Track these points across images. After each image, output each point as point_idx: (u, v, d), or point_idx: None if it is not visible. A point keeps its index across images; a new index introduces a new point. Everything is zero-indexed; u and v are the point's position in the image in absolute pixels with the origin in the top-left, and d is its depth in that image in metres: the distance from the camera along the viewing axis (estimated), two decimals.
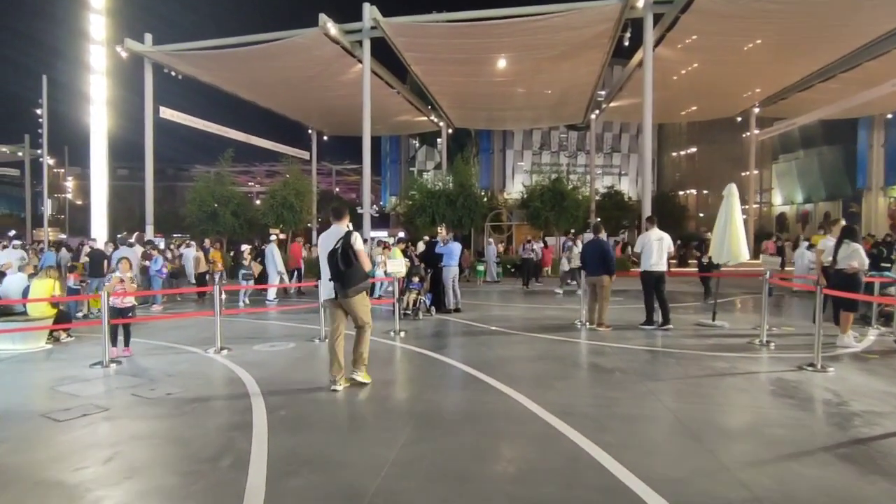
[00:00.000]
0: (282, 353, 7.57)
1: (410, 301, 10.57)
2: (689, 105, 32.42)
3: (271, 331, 9.49)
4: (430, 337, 8.79)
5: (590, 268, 9.19)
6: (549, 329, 9.15)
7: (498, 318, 10.67)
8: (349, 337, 5.76)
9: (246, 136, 30.10)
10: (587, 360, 6.85)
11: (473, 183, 22.43)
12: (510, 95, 28.23)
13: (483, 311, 11.75)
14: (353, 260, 5.22)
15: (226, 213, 23.09)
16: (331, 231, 5.58)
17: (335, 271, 5.26)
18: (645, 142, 21.47)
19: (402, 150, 41.79)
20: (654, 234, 9.06)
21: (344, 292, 5.30)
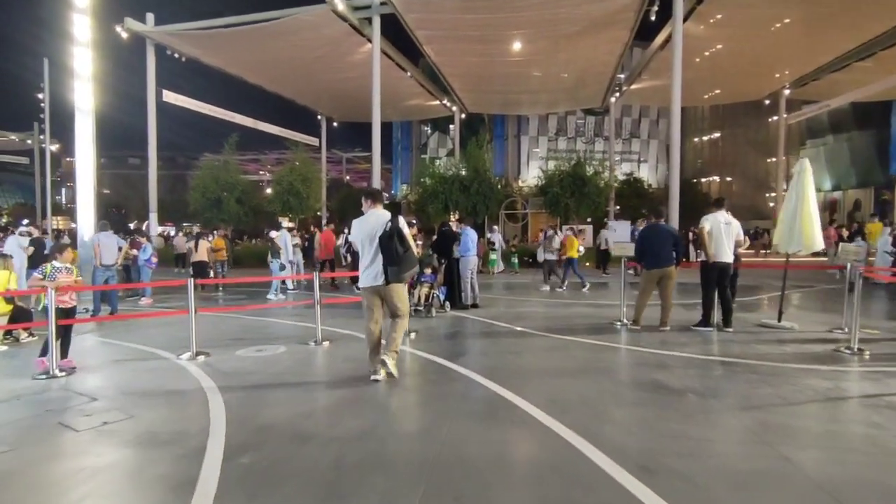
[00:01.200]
0: (268, 360, 6.19)
1: (422, 296, 9.15)
2: (712, 88, 30.46)
3: (265, 330, 8.12)
4: (445, 339, 7.37)
5: (652, 258, 7.59)
6: (584, 330, 7.67)
7: (522, 315, 9.21)
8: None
9: (253, 121, 28.80)
10: (644, 374, 5.37)
11: (488, 168, 20.85)
12: (526, 77, 26.52)
13: (503, 306, 10.29)
14: (407, 244, 4.99)
15: (230, 200, 21.82)
16: (369, 216, 5.14)
17: (391, 255, 4.91)
18: (673, 122, 19.75)
19: (413, 136, 40.22)
20: (720, 216, 7.50)
21: (399, 277, 5.01)
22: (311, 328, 7.40)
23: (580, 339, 7.05)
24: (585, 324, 8.29)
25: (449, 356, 6.17)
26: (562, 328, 7.85)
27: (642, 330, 7.54)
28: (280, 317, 9.17)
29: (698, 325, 7.52)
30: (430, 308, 9.07)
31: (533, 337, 7.30)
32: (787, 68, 27.16)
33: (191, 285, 6.46)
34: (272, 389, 5.01)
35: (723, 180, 37.44)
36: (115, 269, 10.07)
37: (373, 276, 5.07)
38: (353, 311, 9.40)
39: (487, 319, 8.72)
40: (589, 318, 8.91)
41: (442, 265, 9.68)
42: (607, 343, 6.78)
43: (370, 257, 5.05)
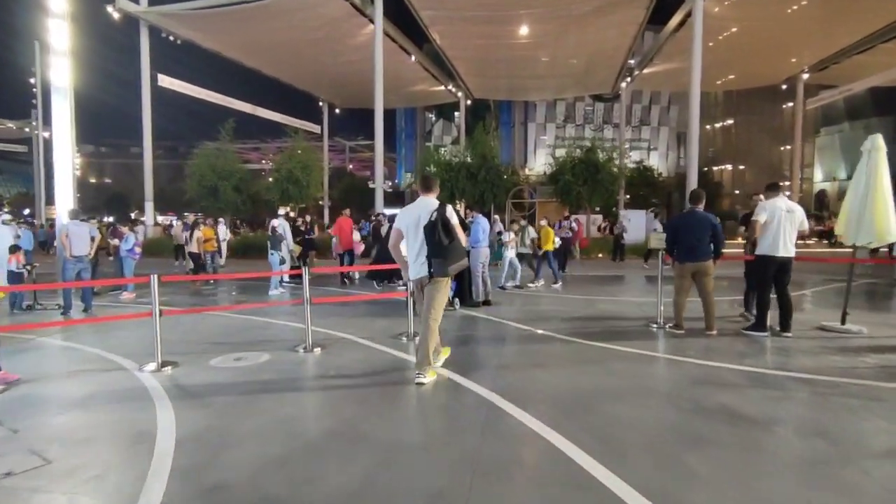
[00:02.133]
0: (245, 373, 5.10)
1: None
2: (726, 73, 29.04)
3: (251, 332, 7.03)
4: (455, 346, 6.26)
5: (685, 250, 6.41)
6: (617, 335, 6.54)
7: (540, 315, 8.08)
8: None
9: (252, 107, 27.63)
10: (708, 396, 4.26)
11: (496, 155, 19.65)
12: (534, 61, 25.24)
13: (518, 303, 9.17)
14: (454, 234, 4.50)
15: (227, 188, 20.71)
16: (417, 204, 4.70)
17: (436, 247, 4.45)
18: (692, 106, 18.50)
19: (417, 124, 38.91)
20: (780, 202, 6.33)
21: (444, 270, 4.51)
22: (305, 331, 6.31)
23: (616, 346, 5.93)
24: (616, 326, 7.17)
25: (462, 370, 5.06)
26: (591, 331, 6.72)
27: (686, 334, 6.41)
28: (273, 316, 8.08)
29: (751, 328, 6.38)
30: None
31: (559, 343, 6.19)
32: (807, 51, 25.74)
33: (154, 283, 5.35)
34: (242, 418, 3.92)
35: (735, 168, 36.06)
36: (88, 260, 8.99)
37: (417, 267, 4.67)
38: (356, 311, 8.29)
39: (503, 319, 7.60)
40: (618, 318, 7.78)
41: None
42: (649, 352, 5.65)
43: (416, 248, 4.65)
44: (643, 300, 9.43)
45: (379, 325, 7.27)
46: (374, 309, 8.42)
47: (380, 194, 19.68)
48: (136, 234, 11.29)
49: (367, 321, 7.57)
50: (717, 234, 6.29)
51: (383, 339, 6.46)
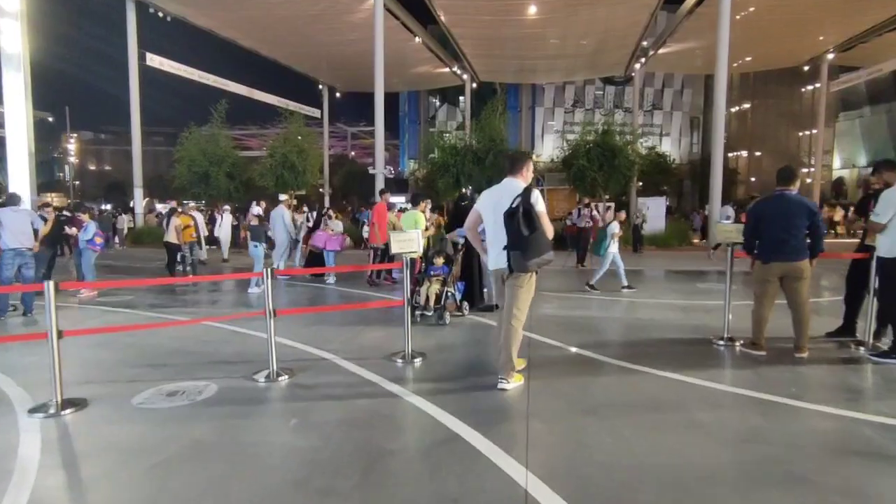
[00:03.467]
0: (175, 417, 3.56)
1: (431, 295, 6.44)
2: (743, 55, 27.07)
3: (208, 347, 5.47)
4: (464, 372, 4.72)
5: (770, 246, 4.78)
6: (678, 356, 4.96)
7: (569, 324, 6.49)
8: None
9: (248, 89, 25.94)
10: (875, 483, 2.67)
11: (504, 138, 17.95)
12: (544, 40, 23.41)
13: (539, 307, 7.55)
14: (537, 224, 3.69)
15: (219, 174, 19.08)
16: (502, 186, 3.99)
17: (515, 237, 3.73)
18: (718, 87, 16.69)
19: (421, 109, 37.06)
20: None
21: (524, 264, 3.76)
22: (279, 346, 4.74)
23: (685, 377, 4.33)
24: (671, 341, 5.57)
25: (477, 420, 3.48)
26: (641, 351, 5.13)
27: (769, 357, 4.81)
28: (248, 324, 6.50)
29: (885, 355, 4.72)
30: (442, 312, 6.37)
31: (604, 371, 4.60)
32: (833, 29, 23.74)
33: (50, 294, 3.77)
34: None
35: (751, 155, 34.14)
36: (29, 253, 7.43)
37: (495, 257, 4.09)
38: (346, 319, 6.70)
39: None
40: (667, 328, 6.17)
41: (459, 252, 6.96)
42: (738, 388, 4.04)
43: (493, 236, 4.07)
44: (687, 303, 7.82)
45: (370, 340, 5.71)
46: (369, 316, 6.83)
47: (380, 179, 18.05)
48: (97, 222, 9.70)
49: (357, 332, 6.01)
50: (816, 226, 4.66)
51: (374, 360, 4.90)
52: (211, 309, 7.63)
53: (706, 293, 8.68)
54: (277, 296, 8.56)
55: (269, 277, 4.43)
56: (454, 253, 6.89)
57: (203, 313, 7.18)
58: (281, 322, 5.04)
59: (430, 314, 6.36)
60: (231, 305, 8.16)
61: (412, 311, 6.39)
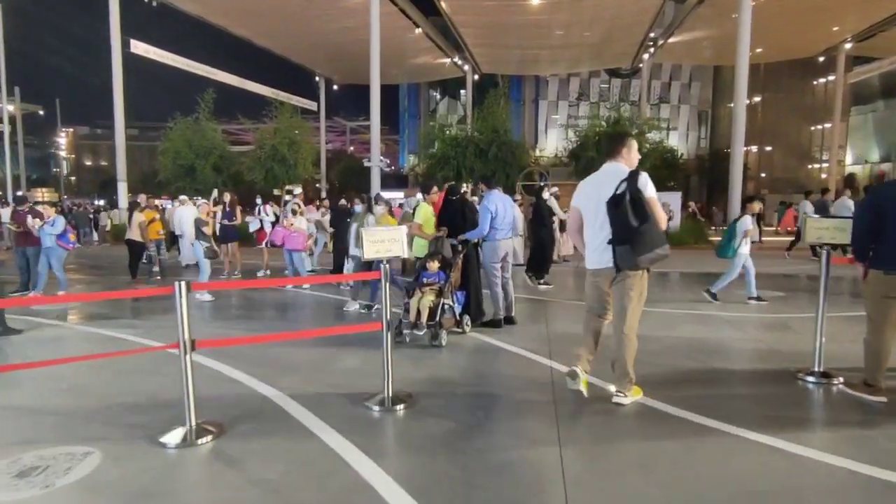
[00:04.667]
0: None
1: (423, 310, 5.01)
2: (754, 45, 25.47)
3: (122, 386, 4.08)
4: (469, 426, 3.32)
5: (891, 250, 3.35)
6: (761, 401, 3.55)
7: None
8: None
9: (240, 80, 24.45)
10: None
11: (508, 129, 16.52)
12: (548, 30, 21.93)
13: (560, 323, 6.13)
14: (648, 213, 3.15)
15: (205, 167, 17.71)
16: (602, 173, 3.45)
17: (623, 229, 3.18)
18: (740, 66, 15.27)
19: (421, 102, 35.57)
20: None
21: (634, 261, 3.19)
22: (220, 378, 3.32)
23: (784, 442, 2.91)
24: (739, 375, 4.18)
25: None
26: (706, 393, 3.73)
27: (889, 403, 3.39)
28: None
29: None
30: (437, 331, 4.94)
31: (669, 428, 3.18)
32: (851, 18, 22.24)
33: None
34: None
35: (761, 150, 32.60)
36: None
37: (597, 255, 3.43)
38: (316, 341, 5.27)
39: (543, 359, 4.58)
40: (725, 353, 4.77)
41: (459, 255, 5.53)
42: (863, 466, 2.64)
43: (595, 229, 3.41)
44: (736, 315, 6.39)
45: (343, 370, 4.32)
46: (342, 339, 5.42)
47: (376, 173, 16.68)
48: (64, 217, 8.28)
49: (328, 358, 4.60)
50: None
51: (341, 404, 3.50)
52: (159, 325, 6.22)
53: (761, 303, 7.25)
54: (224, 308, 7.16)
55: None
56: (452, 256, 5.47)
57: (148, 331, 5.77)
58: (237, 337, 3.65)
59: (422, 333, 4.94)
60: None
61: (398, 331, 5.00)
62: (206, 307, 7.09)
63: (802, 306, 6.80)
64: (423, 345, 4.91)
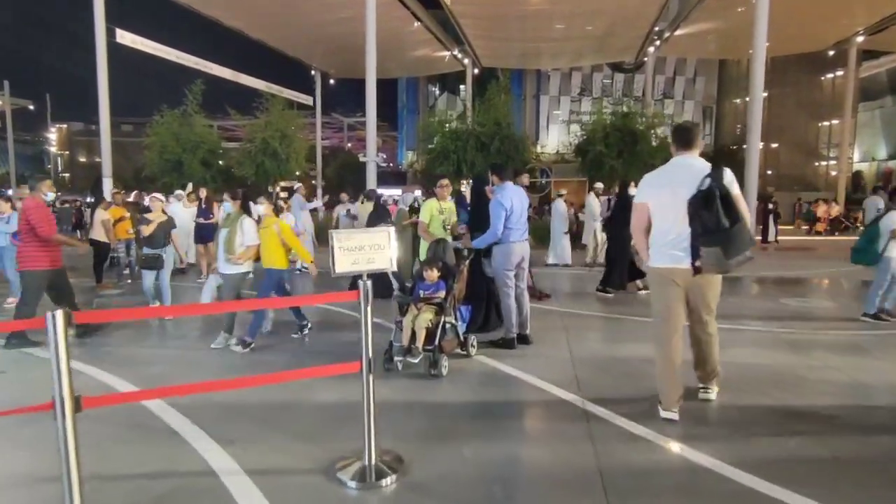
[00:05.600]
0: None
1: (419, 331, 3.98)
2: None
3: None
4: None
5: None
6: (869, 468, 2.56)
7: (645, 378, 4.08)
8: None
9: (234, 73, 23.35)
10: None
11: (511, 122, 15.50)
12: (551, 20, 20.86)
13: (584, 344, 5.13)
14: (739, 212, 2.99)
15: (193, 161, 16.66)
16: (676, 167, 3.24)
17: (713, 230, 2.94)
18: (757, 58, 14.26)
19: (420, 98, 34.43)
20: None
21: (725, 264, 2.99)
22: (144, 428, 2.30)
23: None
24: (828, 421, 3.18)
25: None
26: (786, 451, 2.74)
27: None
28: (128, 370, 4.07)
29: None
30: (437, 357, 3.91)
31: None
32: (863, 10, 21.25)
33: None
34: None
35: (767, 147, 31.57)
36: None
37: (674, 254, 3.16)
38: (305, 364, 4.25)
39: (572, 397, 3.57)
40: (796, 384, 3.78)
41: (464, 261, 4.51)
42: None
43: (669, 226, 3.17)
44: (793, 336, 5.40)
45: (312, 417, 3.33)
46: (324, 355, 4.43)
47: (372, 168, 15.65)
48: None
49: (295, 397, 3.59)
50: None
51: (305, 475, 2.50)
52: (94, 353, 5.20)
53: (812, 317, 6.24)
54: (142, 338, 6.12)
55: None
56: (456, 262, 4.45)
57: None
58: (181, 363, 2.65)
59: (417, 360, 3.93)
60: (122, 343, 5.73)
61: (387, 356, 4.00)
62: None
63: None
64: (419, 374, 3.91)
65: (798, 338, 5.10)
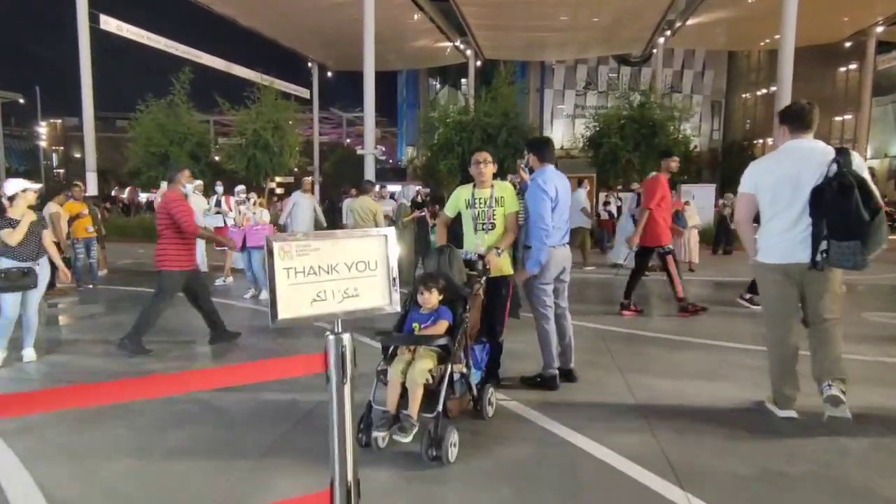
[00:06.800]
0: None
1: (413, 388, 2.58)
2: (772, 31, 23.32)
3: None
4: None
5: None
6: None
7: (743, 435, 2.84)
8: None
9: (227, 63, 22.08)
10: None
11: (520, 112, 14.28)
12: (555, 9, 19.59)
13: (644, 375, 3.90)
14: (878, 202, 2.66)
15: (181, 154, 15.40)
16: (797, 149, 2.88)
17: (852, 223, 2.62)
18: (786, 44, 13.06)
19: (420, 92, 33.13)
20: None
21: (861, 261, 2.67)
22: None
23: None
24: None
25: None
26: None
27: None
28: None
29: None
30: (440, 434, 2.46)
31: None
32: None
33: None
34: None
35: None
36: None
37: (786, 246, 2.85)
38: (267, 422, 2.97)
39: (669, 488, 2.32)
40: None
41: (481, 278, 3.16)
42: None
43: (788, 218, 2.85)
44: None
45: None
46: (286, 414, 3.17)
47: (370, 162, 14.43)
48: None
49: (240, 481, 2.34)
50: None
51: None
52: None
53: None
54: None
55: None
56: (467, 282, 3.07)
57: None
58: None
59: (410, 437, 2.53)
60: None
61: (361, 426, 2.65)
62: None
63: None
64: (411, 452, 2.60)
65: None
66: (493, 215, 3.33)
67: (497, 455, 2.59)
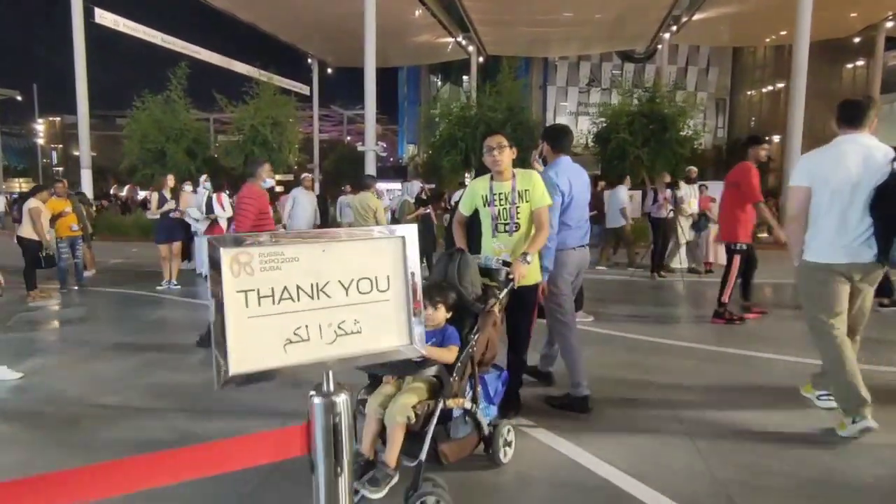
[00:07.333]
0: None
1: (394, 430, 2.04)
2: (778, 27, 22.85)
3: None
4: None
5: None
6: None
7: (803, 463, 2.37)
8: None
9: (226, 59, 21.59)
10: None
11: (526, 106, 13.82)
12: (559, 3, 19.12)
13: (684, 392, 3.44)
14: None
15: (177, 151, 14.96)
16: (856, 143, 2.74)
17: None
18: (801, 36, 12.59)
19: (422, 89, 32.62)
20: None
21: None
22: None
23: None
24: None
25: None
26: None
27: None
28: None
29: None
30: (419, 486, 1.93)
31: None
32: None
33: None
34: None
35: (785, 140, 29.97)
36: None
37: (846, 245, 2.71)
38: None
39: None
40: None
41: (505, 290, 2.56)
42: None
43: (848, 216, 2.69)
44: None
45: None
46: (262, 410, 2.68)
47: (371, 158, 13.98)
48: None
49: None
50: None
51: None
52: None
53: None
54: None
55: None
56: (482, 295, 2.48)
57: None
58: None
59: (384, 492, 1.99)
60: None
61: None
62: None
63: None
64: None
65: None
66: (517, 213, 2.75)
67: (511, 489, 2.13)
